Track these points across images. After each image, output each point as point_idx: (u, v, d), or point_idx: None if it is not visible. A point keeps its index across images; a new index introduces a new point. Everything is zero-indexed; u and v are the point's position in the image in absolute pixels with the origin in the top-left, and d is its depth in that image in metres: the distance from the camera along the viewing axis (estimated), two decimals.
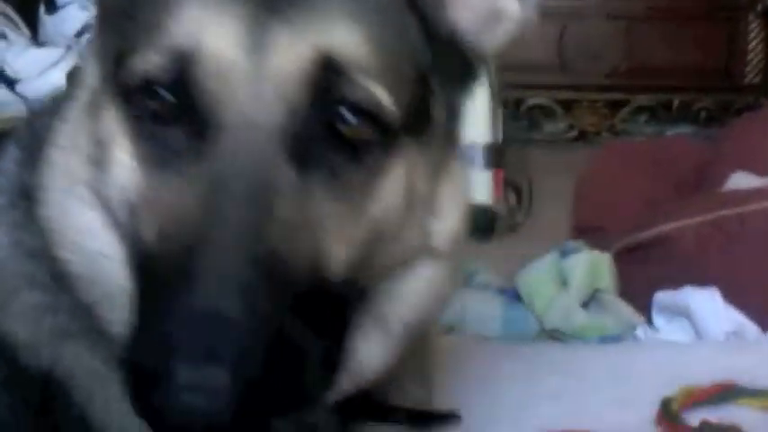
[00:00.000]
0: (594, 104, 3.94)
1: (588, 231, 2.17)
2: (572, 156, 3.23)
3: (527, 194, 2.79)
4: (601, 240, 2.00)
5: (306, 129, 0.73)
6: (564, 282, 1.89)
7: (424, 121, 0.81)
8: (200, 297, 0.66)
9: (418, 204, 0.80)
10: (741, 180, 1.99)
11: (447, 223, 0.84)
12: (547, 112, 3.95)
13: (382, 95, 0.75)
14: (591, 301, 1.87)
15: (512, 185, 2.84)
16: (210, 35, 0.73)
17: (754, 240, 1.74)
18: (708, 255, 1.76)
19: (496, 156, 2.78)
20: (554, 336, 1.81)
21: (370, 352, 0.82)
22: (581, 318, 1.81)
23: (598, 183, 2.32)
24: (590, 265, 1.89)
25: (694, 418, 1.19)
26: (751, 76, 3.98)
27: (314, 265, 0.72)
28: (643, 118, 3.97)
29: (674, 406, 1.22)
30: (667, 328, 1.64)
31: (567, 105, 3.94)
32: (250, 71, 0.72)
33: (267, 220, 0.70)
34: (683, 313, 1.63)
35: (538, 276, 1.89)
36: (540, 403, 1.29)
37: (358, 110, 0.74)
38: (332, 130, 0.74)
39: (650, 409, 1.25)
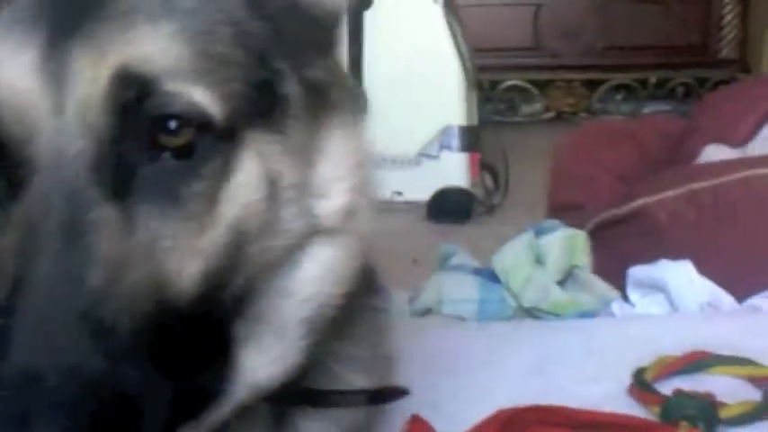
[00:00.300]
0: (571, 84, 3.94)
1: (565, 209, 2.16)
2: (549, 137, 3.22)
3: (503, 176, 2.79)
4: (577, 218, 1.99)
5: (119, 152, 0.68)
6: (540, 260, 1.88)
7: (271, 105, 0.74)
8: (16, 357, 0.61)
9: (290, 191, 0.75)
10: (714, 152, 1.99)
11: (333, 201, 0.78)
12: (523, 94, 3.94)
13: (195, 96, 0.69)
14: (567, 278, 1.87)
15: (488, 168, 2.84)
16: (6, 70, 0.68)
17: (726, 211, 1.74)
18: (681, 228, 1.76)
19: (472, 138, 2.78)
20: (531, 313, 1.80)
21: (267, 357, 0.77)
22: (557, 295, 1.80)
23: (574, 160, 2.32)
24: (566, 243, 1.88)
25: (668, 387, 1.19)
26: (726, 50, 3.99)
27: (156, 291, 0.67)
28: (620, 96, 3.98)
29: (647, 376, 1.22)
30: (642, 302, 1.64)
31: (543, 86, 3.93)
32: (50, 102, 0.67)
33: (84, 261, 0.64)
34: (658, 287, 1.63)
35: (514, 255, 1.88)
36: (517, 380, 1.28)
37: (173, 118, 0.68)
38: (152, 144, 0.68)
39: (626, 383, 1.24)
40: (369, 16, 2.71)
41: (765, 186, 1.71)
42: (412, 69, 2.73)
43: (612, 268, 1.79)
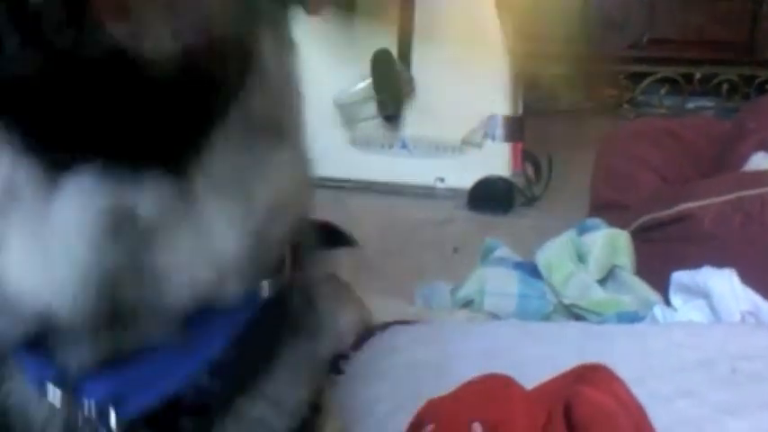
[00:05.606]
0: (615, 76, 3.92)
1: (607, 208, 2.18)
2: (591, 126, 3.23)
3: (546, 167, 2.80)
4: (620, 217, 2.01)
5: None
6: (582, 258, 1.91)
7: None
8: None
9: None
10: (762, 160, 1.99)
11: None
12: (568, 83, 3.93)
13: None
14: (608, 277, 1.89)
15: (530, 158, 2.85)
16: None
17: None
18: (727, 235, 1.77)
19: (516, 128, 2.79)
20: (571, 311, 1.83)
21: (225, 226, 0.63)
22: (598, 294, 1.83)
23: (618, 158, 2.32)
24: (608, 242, 1.90)
25: None
26: None
27: None
28: (663, 90, 3.96)
29: None
30: (685, 308, 1.66)
31: (588, 76, 3.92)
32: None
33: None
34: (701, 293, 1.64)
35: (557, 252, 1.90)
36: None
37: None
38: None
39: (667, 389, 1.27)
40: (419, 2, 2.73)
41: None
42: (460, 57, 2.74)
43: (654, 270, 1.81)
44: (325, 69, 2.63)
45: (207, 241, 0.61)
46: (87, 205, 0.57)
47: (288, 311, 0.72)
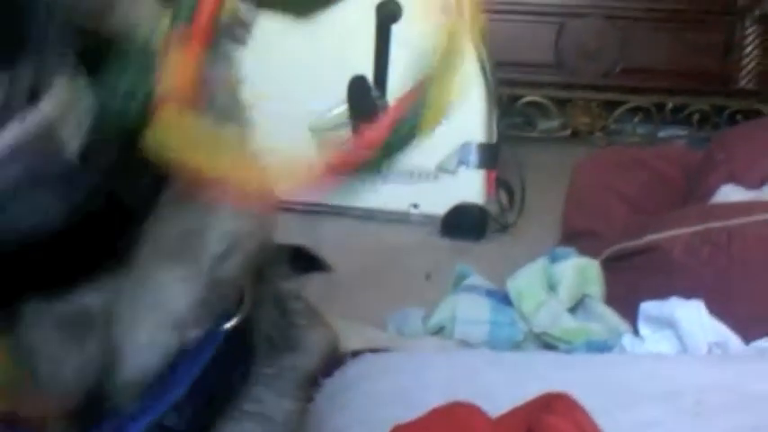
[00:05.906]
0: (589, 104, 3.96)
1: (578, 236, 2.19)
2: (565, 154, 3.26)
3: (519, 195, 2.82)
4: (591, 246, 2.02)
5: None
6: (553, 287, 1.92)
7: None
8: None
9: None
10: (730, 192, 2.02)
11: None
12: (541, 110, 3.97)
13: None
14: (579, 306, 1.90)
15: (504, 185, 2.86)
16: None
17: (739, 253, 1.77)
18: (695, 266, 1.79)
19: (490, 156, 2.81)
20: (541, 339, 1.84)
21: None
22: (568, 322, 1.84)
23: (590, 187, 2.35)
24: (579, 271, 1.92)
25: None
26: (745, 80, 4.01)
27: None
28: (636, 119, 4.00)
29: None
30: (653, 338, 1.67)
31: (562, 104, 3.96)
32: None
33: None
34: (669, 323, 1.66)
35: (528, 280, 1.92)
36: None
37: None
38: None
39: (632, 419, 1.27)
40: (395, 30, 2.74)
41: None
42: None
43: (624, 299, 1.83)
44: (300, 94, 2.64)
45: (162, 306, 0.61)
46: (44, 331, 0.56)
47: (251, 344, 0.72)
